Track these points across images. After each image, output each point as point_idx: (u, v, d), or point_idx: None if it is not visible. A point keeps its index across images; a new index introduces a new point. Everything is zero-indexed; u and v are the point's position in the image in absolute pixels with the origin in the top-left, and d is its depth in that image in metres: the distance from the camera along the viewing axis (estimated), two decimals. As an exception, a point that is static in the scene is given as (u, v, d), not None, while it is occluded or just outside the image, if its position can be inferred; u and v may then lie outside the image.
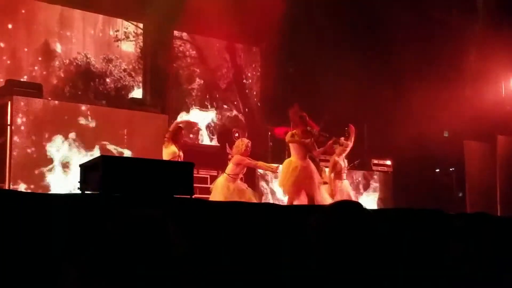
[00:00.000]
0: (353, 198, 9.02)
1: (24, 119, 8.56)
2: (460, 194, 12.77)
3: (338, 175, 9.21)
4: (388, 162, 12.47)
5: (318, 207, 5.82)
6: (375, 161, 12.25)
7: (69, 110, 9.15)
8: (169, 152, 7.96)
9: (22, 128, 8.51)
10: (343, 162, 9.36)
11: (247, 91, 14.01)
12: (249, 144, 8.34)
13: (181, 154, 8.10)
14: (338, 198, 8.71)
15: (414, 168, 12.79)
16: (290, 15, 12.14)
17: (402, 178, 12.54)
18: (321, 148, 8.71)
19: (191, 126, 12.55)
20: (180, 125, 8.68)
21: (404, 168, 12.67)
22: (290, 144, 8.45)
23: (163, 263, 1.69)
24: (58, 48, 11.52)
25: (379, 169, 12.24)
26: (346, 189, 9.30)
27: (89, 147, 9.00)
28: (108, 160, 4.98)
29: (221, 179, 8.31)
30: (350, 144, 9.12)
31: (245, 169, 8.38)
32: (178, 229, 1.81)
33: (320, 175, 8.75)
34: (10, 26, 11.01)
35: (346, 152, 9.31)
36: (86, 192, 4.94)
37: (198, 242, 3.60)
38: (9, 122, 8.48)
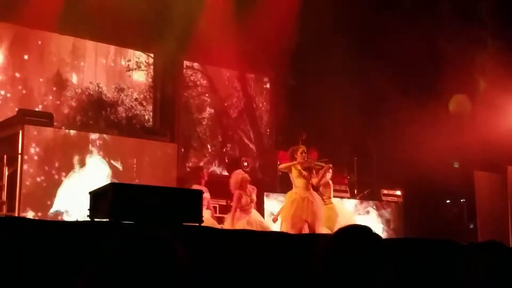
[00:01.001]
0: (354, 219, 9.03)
1: (34, 148, 8.62)
2: (471, 226, 12.65)
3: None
4: (398, 192, 12.39)
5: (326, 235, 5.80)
6: (385, 191, 12.18)
7: (80, 139, 9.20)
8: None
9: (33, 157, 8.56)
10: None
11: (257, 120, 14.07)
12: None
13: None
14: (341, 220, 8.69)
15: (424, 198, 12.70)
16: (299, 45, 12.23)
17: (412, 208, 12.45)
18: (319, 176, 8.80)
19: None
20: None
21: (414, 198, 12.58)
22: (290, 175, 8.48)
23: (170, 284, 1.68)
24: (71, 77, 11.66)
25: (389, 199, 12.16)
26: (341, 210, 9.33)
27: (98, 175, 9.01)
28: (117, 187, 5.00)
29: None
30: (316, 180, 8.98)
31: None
32: (187, 252, 1.79)
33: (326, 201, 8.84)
34: (26, 57, 11.18)
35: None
36: (95, 219, 4.96)
37: (206, 267, 3.58)
38: (20, 151, 8.53)
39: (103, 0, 10.59)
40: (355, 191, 12.21)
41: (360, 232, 2.10)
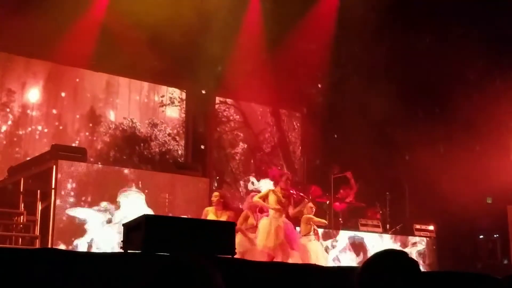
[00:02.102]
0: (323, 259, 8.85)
1: (68, 183, 8.72)
2: (505, 261, 12.37)
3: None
4: (431, 227, 12.20)
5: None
6: (417, 226, 12.00)
7: (113, 174, 9.29)
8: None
9: (66, 191, 8.66)
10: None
11: (291, 155, 14.10)
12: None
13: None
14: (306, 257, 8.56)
15: (457, 234, 12.51)
16: (330, 80, 12.31)
17: (445, 244, 12.25)
18: (297, 207, 8.71)
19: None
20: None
21: (447, 233, 12.39)
22: (266, 201, 8.41)
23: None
24: (104, 113, 11.88)
25: (422, 234, 11.97)
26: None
27: (130, 209, 9.06)
28: (151, 219, 5.02)
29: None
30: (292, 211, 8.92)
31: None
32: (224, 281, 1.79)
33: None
34: (63, 94, 11.46)
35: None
36: (128, 251, 4.98)
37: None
38: (53, 186, 8.63)
39: (135, 38, 10.81)
40: (387, 226, 12.06)
41: (397, 256, 2.08)
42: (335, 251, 10.71)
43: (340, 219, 11.67)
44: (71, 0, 10.28)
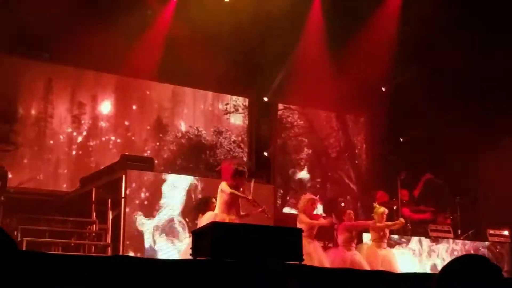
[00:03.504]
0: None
1: (136, 192, 8.88)
2: None
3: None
4: (506, 233, 11.73)
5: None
6: (491, 231, 11.55)
7: (180, 182, 9.40)
8: None
9: (135, 200, 8.83)
10: None
11: (358, 159, 13.95)
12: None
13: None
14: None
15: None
16: (395, 85, 12.12)
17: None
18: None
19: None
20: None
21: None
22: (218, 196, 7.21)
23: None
24: (171, 123, 12.13)
25: (496, 239, 11.52)
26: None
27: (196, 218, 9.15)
28: (219, 226, 5.05)
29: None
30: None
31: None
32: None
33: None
34: (134, 107, 11.80)
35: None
36: (197, 258, 5.03)
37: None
38: (123, 195, 8.81)
39: (198, 48, 10.96)
40: (459, 231, 11.68)
41: (478, 261, 1.99)
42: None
43: (408, 224, 11.41)
44: (137, 15, 10.56)
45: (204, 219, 7.15)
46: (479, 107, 11.93)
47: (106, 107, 11.58)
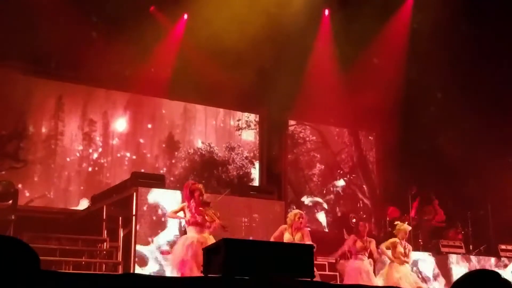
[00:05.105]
0: None
1: (148, 209, 8.87)
2: None
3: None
4: (517, 248, 11.63)
5: None
6: (503, 246, 11.46)
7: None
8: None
9: (146, 217, 8.81)
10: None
11: (371, 174, 13.92)
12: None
13: None
14: None
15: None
16: (405, 101, 12.12)
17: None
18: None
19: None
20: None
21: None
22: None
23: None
24: (182, 139, 12.15)
25: (507, 255, 11.43)
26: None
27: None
28: (231, 243, 5.03)
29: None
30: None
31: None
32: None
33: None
34: (145, 124, 11.86)
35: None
36: (208, 275, 5.01)
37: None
38: (134, 212, 8.79)
39: (209, 67, 11.02)
40: (470, 246, 11.60)
41: (490, 276, 1.99)
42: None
43: (420, 240, 11.34)
44: (149, 33, 10.61)
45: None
46: (491, 122, 11.90)
47: (117, 124, 11.63)
